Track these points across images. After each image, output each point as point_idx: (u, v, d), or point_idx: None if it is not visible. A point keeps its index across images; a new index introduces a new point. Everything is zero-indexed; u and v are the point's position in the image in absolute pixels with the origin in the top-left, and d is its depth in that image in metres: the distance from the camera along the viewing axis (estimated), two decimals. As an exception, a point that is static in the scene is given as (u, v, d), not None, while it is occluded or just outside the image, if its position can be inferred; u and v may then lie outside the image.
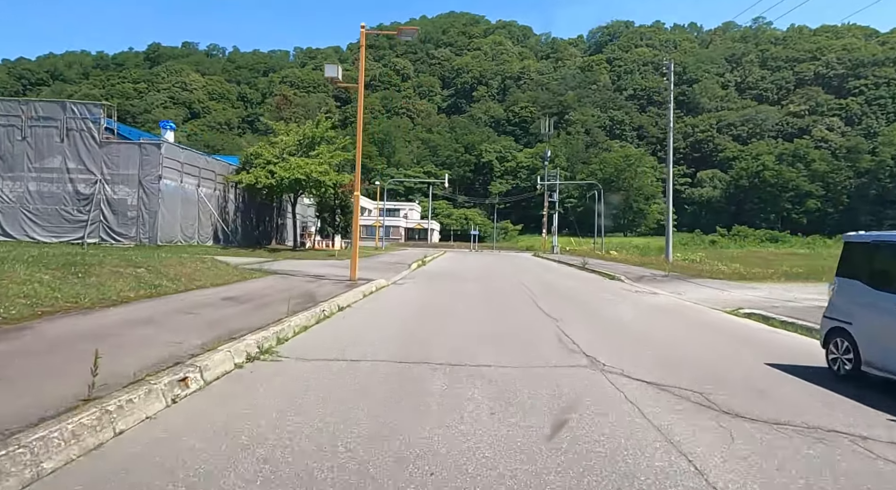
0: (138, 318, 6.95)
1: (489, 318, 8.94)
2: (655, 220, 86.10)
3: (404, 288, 14.13)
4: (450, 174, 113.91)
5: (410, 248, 51.49)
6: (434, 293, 13.17)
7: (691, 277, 19.40)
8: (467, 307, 10.20)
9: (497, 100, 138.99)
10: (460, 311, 9.65)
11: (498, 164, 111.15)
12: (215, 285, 10.88)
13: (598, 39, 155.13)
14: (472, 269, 23.89)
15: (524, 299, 12.02)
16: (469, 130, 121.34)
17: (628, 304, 11.72)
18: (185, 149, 27.85)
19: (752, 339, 8.28)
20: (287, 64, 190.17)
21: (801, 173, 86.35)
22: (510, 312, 9.69)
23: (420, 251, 45.75)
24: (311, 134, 26.71)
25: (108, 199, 23.65)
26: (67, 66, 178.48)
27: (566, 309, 10.52)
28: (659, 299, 13.29)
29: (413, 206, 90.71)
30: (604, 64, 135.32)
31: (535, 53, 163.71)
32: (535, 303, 11.29)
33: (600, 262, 33.15)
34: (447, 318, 8.89)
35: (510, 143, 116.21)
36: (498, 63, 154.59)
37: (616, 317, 9.90)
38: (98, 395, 3.64)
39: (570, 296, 13.64)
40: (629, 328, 8.74)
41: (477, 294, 13.17)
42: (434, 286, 15.37)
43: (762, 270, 20.78)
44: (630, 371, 5.60)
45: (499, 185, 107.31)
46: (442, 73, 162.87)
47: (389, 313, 9.18)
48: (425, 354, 6.10)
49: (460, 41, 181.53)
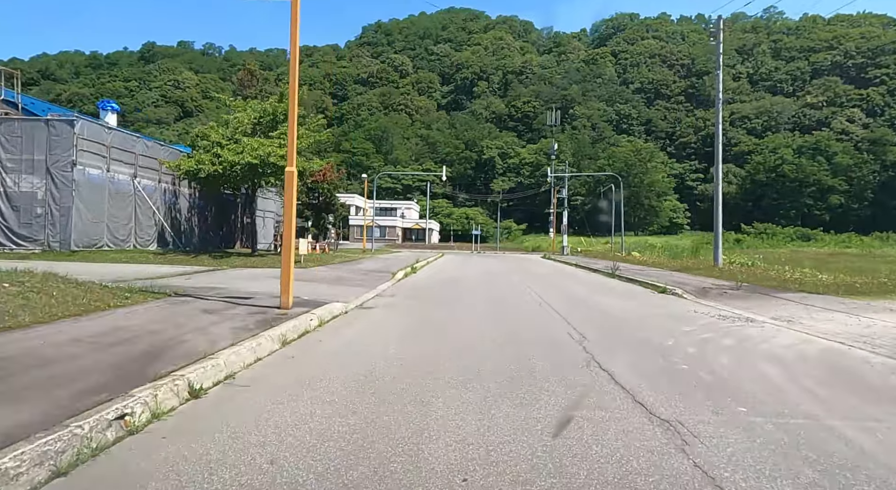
0: None
1: (509, 397, 3.61)
2: (668, 217, 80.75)
3: (369, 318, 8.76)
4: (450, 172, 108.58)
5: (405, 251, 46.22)
6: (412, 329, 7.83)
7: (775, 290, 13.98)
8: (463, 369, 4.85)
9: (498, 95, 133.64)
10: (452, 379, 4.36)
11: (500, 160, 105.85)
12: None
13: (601, 33, 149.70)
14: (474, 279, 18.54)
15: (561, 336, 6.74)
16: (470, 126, 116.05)
17: (739, 352, 6.38)
18: (115, 130, 22.51)
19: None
20: (284, 62, 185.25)
21: (822, 167, 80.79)
22: (549, 382, 4.37)
23: (414, 254, 40.40)
24: (272, 111, 21.27)
25: (7, 193, 18.38)
26: (59, 66, 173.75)
27: (645, 363, 5.22)
28: (777, 336, 7.83)
29: (411, 204, 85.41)
30: (609, 57, 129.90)
31: (536, 48, 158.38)
32: (582, 347, 6.02)
33: (627, 265, 27.83)
34: (425, 404, 3.62)
35: (513, 138, 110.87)
36: (499, 58, 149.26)
37: (756, 395, 4.48)
38: None
39: (627, 328, 8.31)
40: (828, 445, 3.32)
41: (482, 329, 7.82)
42: (416, 312, 10.02)
43: (867, 279, 15.42)
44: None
45: (501, 183, 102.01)
46: (441, 68, 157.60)
47: (300, 404, 3.83)
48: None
49: (460, 37, 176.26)
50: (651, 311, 10.66)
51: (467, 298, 12.51)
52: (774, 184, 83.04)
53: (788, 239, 61.92)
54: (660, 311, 10.65)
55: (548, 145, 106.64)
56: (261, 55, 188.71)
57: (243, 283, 11.79)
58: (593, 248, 55.95)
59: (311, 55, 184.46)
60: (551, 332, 7.52)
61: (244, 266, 17.39)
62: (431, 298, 12.60)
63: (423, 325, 8.38)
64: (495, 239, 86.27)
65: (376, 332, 7.45)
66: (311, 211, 39.80)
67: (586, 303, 12.29)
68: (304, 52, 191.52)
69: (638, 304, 12.06)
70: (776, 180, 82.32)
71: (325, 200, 39.71)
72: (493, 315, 9.67)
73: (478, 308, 10.57)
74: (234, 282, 12.07)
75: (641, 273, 19.88)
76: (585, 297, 13.80)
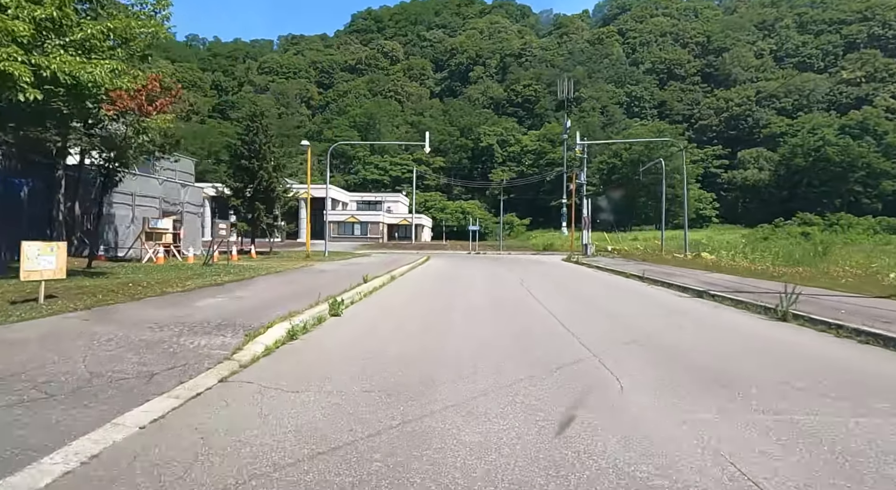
0: None
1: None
2: (694, 208, 68.81)
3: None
4: (443, 161, 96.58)
5: (377, 255, 34.41)
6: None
7: None
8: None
9: (496, 80, 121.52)
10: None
11: (499, 148, 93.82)
12: None
13: (605, 13, 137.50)
14: (476, 337, 6.42)
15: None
16: (465, 112, 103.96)
17: None
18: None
19: None
20: (269, 52, 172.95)
21: (872, 149, 68.99)
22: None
23: (388, 258, 28.43)
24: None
25: None
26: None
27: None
28: None
29: (398, 197, 73.29)
30: (615, 36, 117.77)
31: (535, 32, 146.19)
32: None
33: (702, 273, 16.18)
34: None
35: (513, 124, 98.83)
36: (495, 41, 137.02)
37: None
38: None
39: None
40: None
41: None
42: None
43: None
44: None
45: (501, 173, 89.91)
46: (434, 55, 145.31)
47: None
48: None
49: (454, 22, 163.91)
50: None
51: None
52: (814, 168, 71.19)
53: (870, 231, 50.17)
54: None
55: (552, 130, 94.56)
56: (246, 46, 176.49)
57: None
58: (620, 245, 44.17)
59: (297, 43, 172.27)
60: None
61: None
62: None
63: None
64: (495, 236, 74.51)
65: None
66: (247, 203, 27.86)
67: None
68: (290, 41, 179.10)
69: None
70: (816, 164, 70.49)
71: (266, 186, 27.78)
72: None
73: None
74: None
75: (752, 288, 8.19)
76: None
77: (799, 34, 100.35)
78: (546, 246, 46.23)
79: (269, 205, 28.31)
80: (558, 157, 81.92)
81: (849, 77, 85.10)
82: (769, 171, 77.14)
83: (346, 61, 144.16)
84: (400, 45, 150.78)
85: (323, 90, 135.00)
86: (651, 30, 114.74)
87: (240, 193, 27.85)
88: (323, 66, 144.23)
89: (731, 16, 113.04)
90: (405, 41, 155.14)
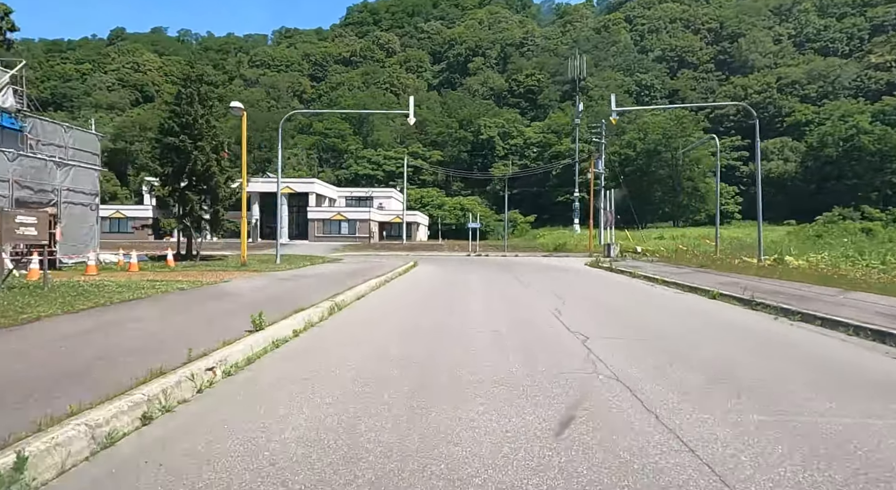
0: None
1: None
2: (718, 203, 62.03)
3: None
4: (441, 155, 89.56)
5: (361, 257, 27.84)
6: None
7: None
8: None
9: (497, 70, 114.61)
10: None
11: (500, 141, 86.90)
12: None
13: (611, 1, 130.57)
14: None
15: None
16: (464, 104, 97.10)
17: None
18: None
19: None
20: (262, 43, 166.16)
21: (912, 137, 62.08)
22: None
23: (369, 264, 21.62)
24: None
25: None
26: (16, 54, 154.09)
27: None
28: None
29: (391, 193, 66.38)
30: (622, 23, 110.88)
31: (537, 22, 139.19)
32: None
33: (864, 297, 9.56)
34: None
35: (515, 116, 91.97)
36: (495, 32, 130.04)
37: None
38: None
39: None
40: None
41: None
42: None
43: None
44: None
45: (503, 168, 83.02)
46: (432, 47, 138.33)
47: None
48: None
49: (452, 13, 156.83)
50: None
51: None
52: (846, 159, 64.26)
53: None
54: None
55: (558, 121, 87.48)
56: (239, 40, 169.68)
57: None
58: (645, 245, 37.42)
59: (291, 37, 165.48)
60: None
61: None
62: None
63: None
64: (497, 234, 67.77)
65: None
66: (172, 190, 21.08)
67: None
68: (283, 34, 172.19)
69: None
70: (850, 154, 63.57)
71: (199, 171, 21.02)
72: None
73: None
74: None
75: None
76: None
77: (819, 18, 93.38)
78: (557, 246, 39.47)
79: (208, 196, 21.53)
80: (565, 149, 75.06)
81: (877, 61, 78.16)
82: (795, 163, 70.22)
83: (340, 54, 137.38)
84: (396, 37, 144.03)
85: (316, 83, 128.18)
86: (660, 16, 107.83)
87: (168, 181, 21.08)
88: (316, 58, 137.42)
89: (744, 0, 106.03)
90: (402, 33, 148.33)
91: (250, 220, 56.41)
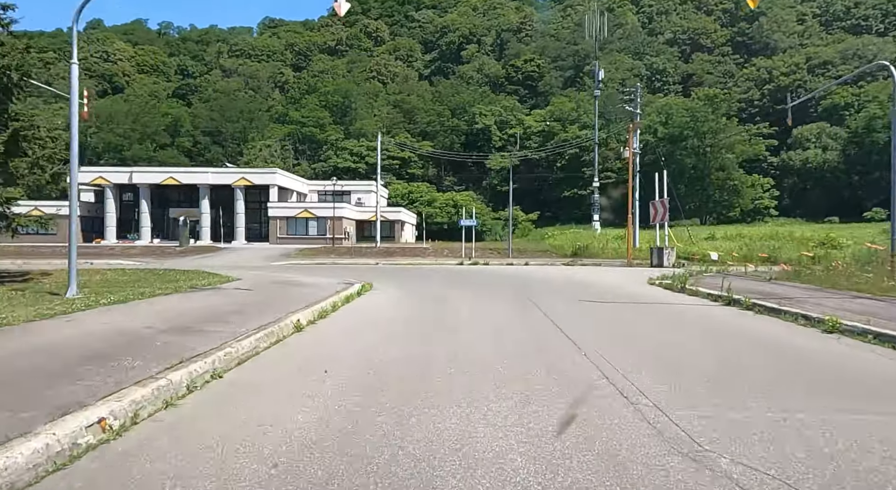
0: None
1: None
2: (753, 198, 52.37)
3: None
4: (431, 146, 79.65)
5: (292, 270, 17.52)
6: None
7: None
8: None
9: (493, 57, 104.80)
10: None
11: (497, 130, 77.03)
12: None
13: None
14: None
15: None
16: (457, 91, 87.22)
17: None
18: None
19: None
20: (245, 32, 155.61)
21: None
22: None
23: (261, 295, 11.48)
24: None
25: None
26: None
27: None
28: None
29: (371, 186, 56.27)
30: (628, 4, 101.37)
31: (534, 8, 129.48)
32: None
33: None
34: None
35: (513, 103, 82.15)
36: (490, 18, 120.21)
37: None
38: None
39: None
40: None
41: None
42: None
43: None
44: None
45: (500, 160, 73.14)
46: (423, 36, 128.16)
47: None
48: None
49: (444, 2, 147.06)
50: None
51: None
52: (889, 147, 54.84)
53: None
54: None
55: (562, 107, 77.54)
56: (223, 33, 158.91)
57: None
58: (695, 247, 27.66)
59: (276, 27, 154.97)
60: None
61: None
62: None
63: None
64: (494, 233, 57.92)
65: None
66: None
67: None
68: (268, 25, 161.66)
69: None
70: None
71: None
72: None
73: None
74: None
75: None
76: None
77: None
78: (576, 250, 29.54)
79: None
80: (572, 137, 65.26)
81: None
82: (836, 151, 60.68)
83: (325, 43, 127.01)
84: (385, 26, 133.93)
85: (298, 73, 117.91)
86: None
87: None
88: (300, 48, 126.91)
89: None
90: (391, 22, 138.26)
91: (196, 218, 46.22)
